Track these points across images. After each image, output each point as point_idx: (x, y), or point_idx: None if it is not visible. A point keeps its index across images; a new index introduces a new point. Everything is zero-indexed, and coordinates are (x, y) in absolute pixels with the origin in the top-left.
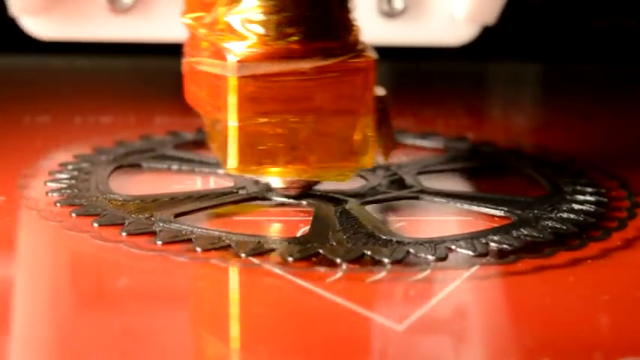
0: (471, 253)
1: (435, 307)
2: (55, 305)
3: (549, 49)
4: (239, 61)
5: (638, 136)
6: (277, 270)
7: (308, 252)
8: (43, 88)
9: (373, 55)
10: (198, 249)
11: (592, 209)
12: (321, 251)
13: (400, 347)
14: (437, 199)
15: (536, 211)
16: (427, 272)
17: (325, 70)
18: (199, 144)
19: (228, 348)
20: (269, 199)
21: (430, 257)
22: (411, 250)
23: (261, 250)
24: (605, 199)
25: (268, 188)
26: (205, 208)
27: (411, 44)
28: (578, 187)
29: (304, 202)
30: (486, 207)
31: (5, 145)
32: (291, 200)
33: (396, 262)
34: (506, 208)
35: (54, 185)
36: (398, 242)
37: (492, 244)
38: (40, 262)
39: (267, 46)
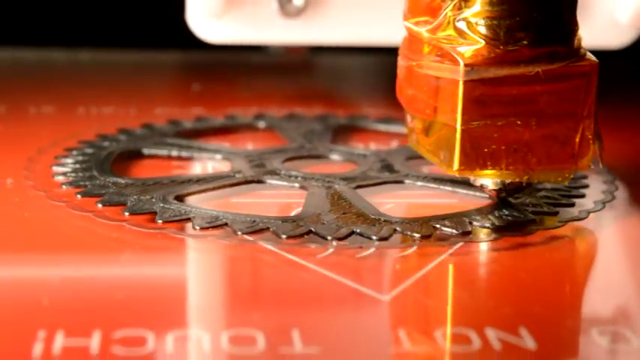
0: (454, 231)
1: (418, 280)
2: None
3: None
4: (467, 65)
5: (622, 125)
6: (271, 246)
7: (300, 230)
8: (47, 80)
9: (594, 59)
10: (197, 227)
11: (571, 192)
12: (312, 229)
13: (385, 316)
14: (424, 183)
15: (517, 194)
16: (413, 249)
17: (550, 74)
18: (198, 132)
19: (221, 316)
20: (263, 182)
21: (416, 235)
22: (398, 229)
23: (256, 228)
24: (585, 182)
25: (264, 172)
26: (204, 191)
27: None
28: None
29: (296, 185)
30: (470, 190)
31: (12, 133)
32: (284, 183)
33: (384, 239)
34: None
35: (59, 169)
36: (386, 221)
37: (475, 223)
38: (49, 240)
39: (496, 50)
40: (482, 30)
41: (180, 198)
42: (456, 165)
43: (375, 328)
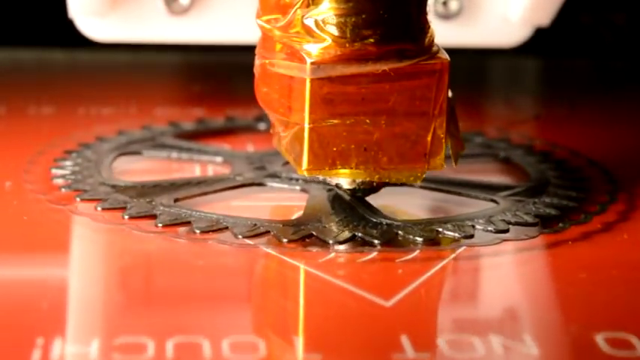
0: (457, 235)
1: (421, 285)
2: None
3: (538, 44)
4: (314, 63)
5: (621, 125)
6: (272, 251)
7: (301, 233)
8: (47, 81)
9: (446, 56)
10: (197, 230)
11: (574, 194)
12: (314, 233)
13: (388, 322)
14: (427, 186)
15: (519, 197)
16: (415, 253)
17: (400, 72)
18: (198, 134)
19: (221, 322)
20: (264, 185)
21: (418, 239)
22: (400, 232)
23: (257, 232)
24: (587, 185)
25: (265, 175)
26: (204, 194)
27: (466, 45)
28: (561, 173)
29: (298, 188)
30: (473, 192)
31: (11, 134)
32: (285, 186)
33: (386, 243)
34: (492, 194)
35: (58, 172)
36: (388, 225)
37: (478, 227)
38: (48, 243)
39: (342, 48)
40: (330, 28)
41: (180, 201)
42: (304, 164)
43: (377, 334)
